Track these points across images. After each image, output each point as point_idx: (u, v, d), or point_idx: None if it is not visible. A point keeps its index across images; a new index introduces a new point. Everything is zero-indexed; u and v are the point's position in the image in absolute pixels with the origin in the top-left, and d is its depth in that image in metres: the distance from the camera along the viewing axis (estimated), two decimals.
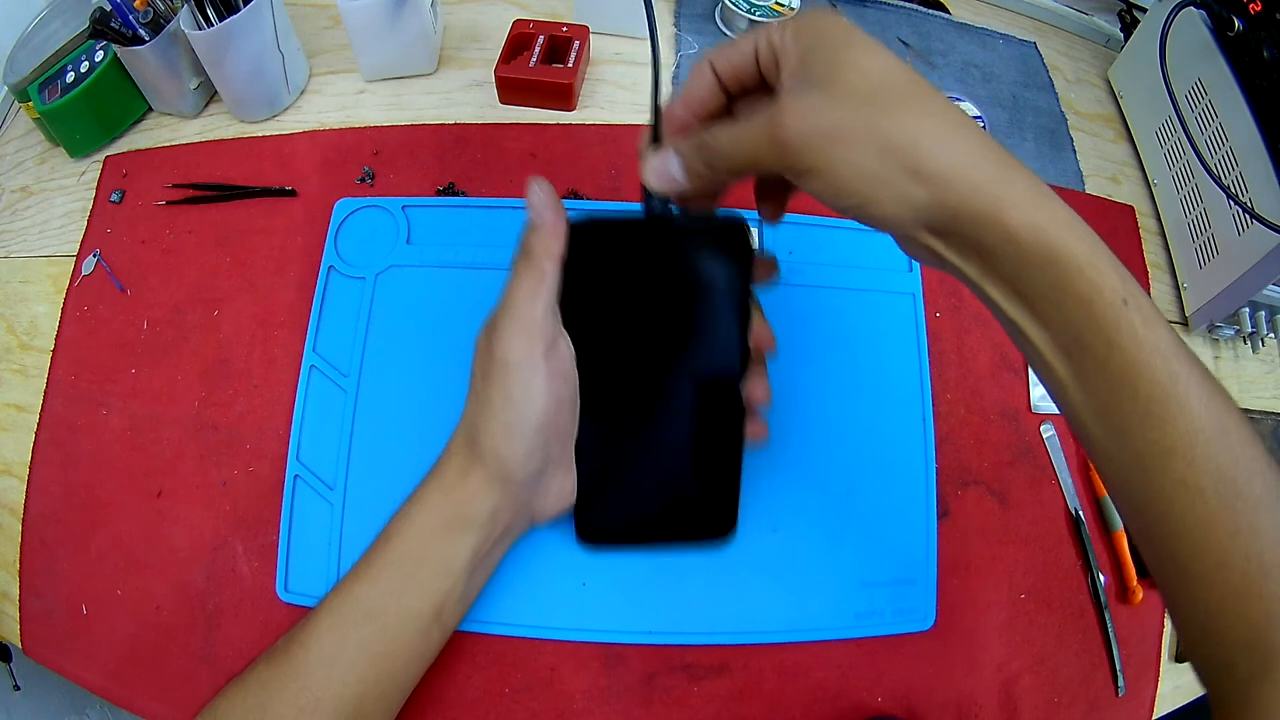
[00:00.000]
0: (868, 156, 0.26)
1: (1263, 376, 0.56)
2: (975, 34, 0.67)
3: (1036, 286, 0.27)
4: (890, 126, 0.26)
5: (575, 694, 0.42)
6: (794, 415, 0.47)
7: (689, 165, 0.31)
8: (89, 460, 0.47)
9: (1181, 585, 0.29)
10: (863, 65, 0.27)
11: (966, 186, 0.26)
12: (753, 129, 0.28)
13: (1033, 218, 0.26)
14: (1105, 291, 0.26)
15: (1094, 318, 0.26)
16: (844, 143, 0.27)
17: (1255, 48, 0.49)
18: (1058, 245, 0.26)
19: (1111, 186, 0.61)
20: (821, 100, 0.27)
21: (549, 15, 0.61)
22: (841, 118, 0.27)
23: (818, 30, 0.28)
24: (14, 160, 0.58)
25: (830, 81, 0.27)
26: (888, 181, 0.27)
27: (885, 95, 0.27)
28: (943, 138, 0.27)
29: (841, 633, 0.43)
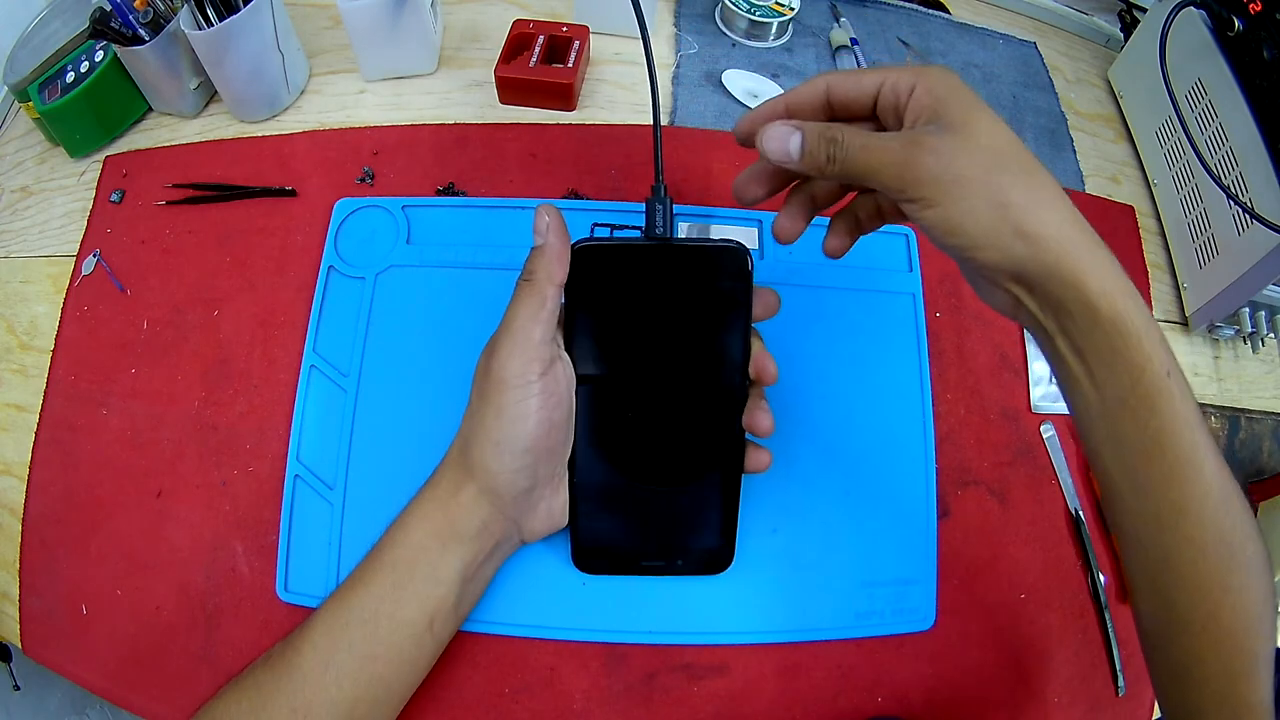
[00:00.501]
0: (986, 207, 0.30)
1: (1263, 376, 0.56)
2: (975, 34, 0.67)
3: (1099, 349, 0.30)
4: (1008, 186, 0.30)
5: (575, 694, 0.42)
6: (794, 415, 0.47)
7: (810, 148, 0.33)
8: (89, 460, 0.47)
9: (1171, 629, 0.32)
10: (991, 128, 0.31)
11: (1060, 250, 0.30)
12: (888, 145, 0.31)
13: (1107, 285, 0.30)
14: (1155, 362, 0.30)
15: (1142, 384, 0.30)
16: (968, 189, 0.30)
17: (1255, 48, 0.49)
18: (1124, 314, 0.30)
19: (1111, 186, 0.61)
20: (956, 146, 0.30)
21: (549, 15, 0.61)
22: (971, 167, 0.30)
23: (950, 86, 0.31)
24: (14, 160, 0.58)
25: (964, 133, 0.30)
26: (997, 232, 0.30)
27: (1006, 159, 0.30)
28: (1048, 205, 0.30)
29: (841, 633, 0.43)
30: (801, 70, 0.62)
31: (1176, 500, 0.30)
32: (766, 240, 0.51)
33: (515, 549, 0.40)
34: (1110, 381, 0.31)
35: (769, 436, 0.39)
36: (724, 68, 0.60)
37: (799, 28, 0.64)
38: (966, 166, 0.30)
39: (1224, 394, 0.54)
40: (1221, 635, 0.31)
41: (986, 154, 0.30)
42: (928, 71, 0.32)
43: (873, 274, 0.51)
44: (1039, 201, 0.30)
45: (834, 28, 0.64)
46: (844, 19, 0.65)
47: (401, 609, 0.36)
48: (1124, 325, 0.30)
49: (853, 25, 0.64)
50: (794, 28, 0.63)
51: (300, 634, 0.36)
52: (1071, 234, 0.30)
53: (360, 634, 0.35)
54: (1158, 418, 0.30)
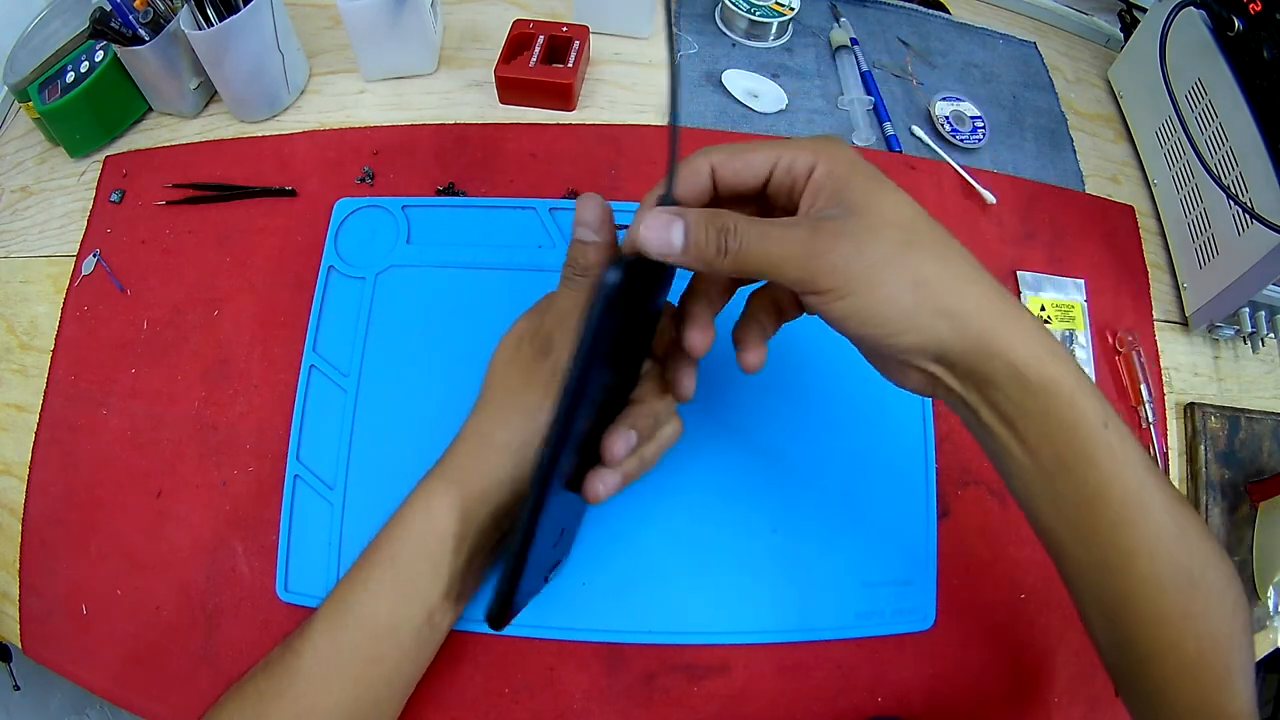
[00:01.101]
0: (903, 290, 0.28)
1: (1263, 376, 0.56)
2: (975, 34, 0.67)
3: (1030, 413, 0.30)
4: (923, 263, 0.29)
5: (575, 694, 0.42)
6: (794, 416, 0.47)
7: (696, 238, 0.29)
8: (89, 460, 0.47)
9: (1134, 663, 0.32)
10: (896, 204, 0.29)
11: (983, 323, 0.29)
12: (791, 234, 0.29)
13: (1033, 349, 0.29)
14: (1089, 415, 0.29)
15: (1077, 440, 0.29)
16: (883, 274, 0.28)
17: (1255, 48, 0.49)
18: (1054, 377, 0.29)
19: (1111, 186, 0.61)
20: (864, 229, 0.28)
21: (549, 15, 0.61)
22: (883, 249, 0.28)
23: (850, 163, 0.30)
24: (14, 160, 0.58)
25: (870, 214, 0.29)
26: (916, 314, 0.29)
27: (917, 234, 0.29)
28: (966, 278, 0.29)
29: (841, 633, 0.43)
30: (801, 70, 0.62)
31: (1126, 545, 0.30)
32: None
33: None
34: (1044, 443, 0.30)
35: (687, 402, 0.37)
36: (724, 68, 0.60)
37: (799, 28, 0.64)
38: (878, 250, 0.28)
39: (1224, 394, 0.54)
40: (1188, 660, 0.30)
41: (896, 232, 0.29)
42: (825, 148, 0.30)
43: None
44: (956, 275, 0.29)
45: (834, 28, 0.64)
46: (844, 19, 0.65)
47: (402, 606, 0.36)
48: (1054, 387, 0.29)
49: (853, 25, 0.64)
50: (794, 28, 0.63)
51: (300, 636, 0.35)
52: (993, 304, 0.29)
53: (361, 634, 0.35)
54: (1097, 470, 0.29)
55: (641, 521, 0.44)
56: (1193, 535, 0.30)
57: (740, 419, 0.47)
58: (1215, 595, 0.30)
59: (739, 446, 0.46)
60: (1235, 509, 0.51)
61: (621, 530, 0.44)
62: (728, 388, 0.47)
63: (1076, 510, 0.30)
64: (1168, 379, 0.54)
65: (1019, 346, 0.29)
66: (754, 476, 0.45)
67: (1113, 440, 0.29)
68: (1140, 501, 0.29)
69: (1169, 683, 0.31)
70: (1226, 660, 0.31)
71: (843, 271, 0.28)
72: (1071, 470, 0.30)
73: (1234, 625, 0.31)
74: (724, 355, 0.48)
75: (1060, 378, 0.29)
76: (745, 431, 0.46)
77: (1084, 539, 0.31)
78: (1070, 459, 0.30)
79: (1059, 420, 0.29)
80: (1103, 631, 0.33)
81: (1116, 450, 0.29)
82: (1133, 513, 0.29)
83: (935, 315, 0.29)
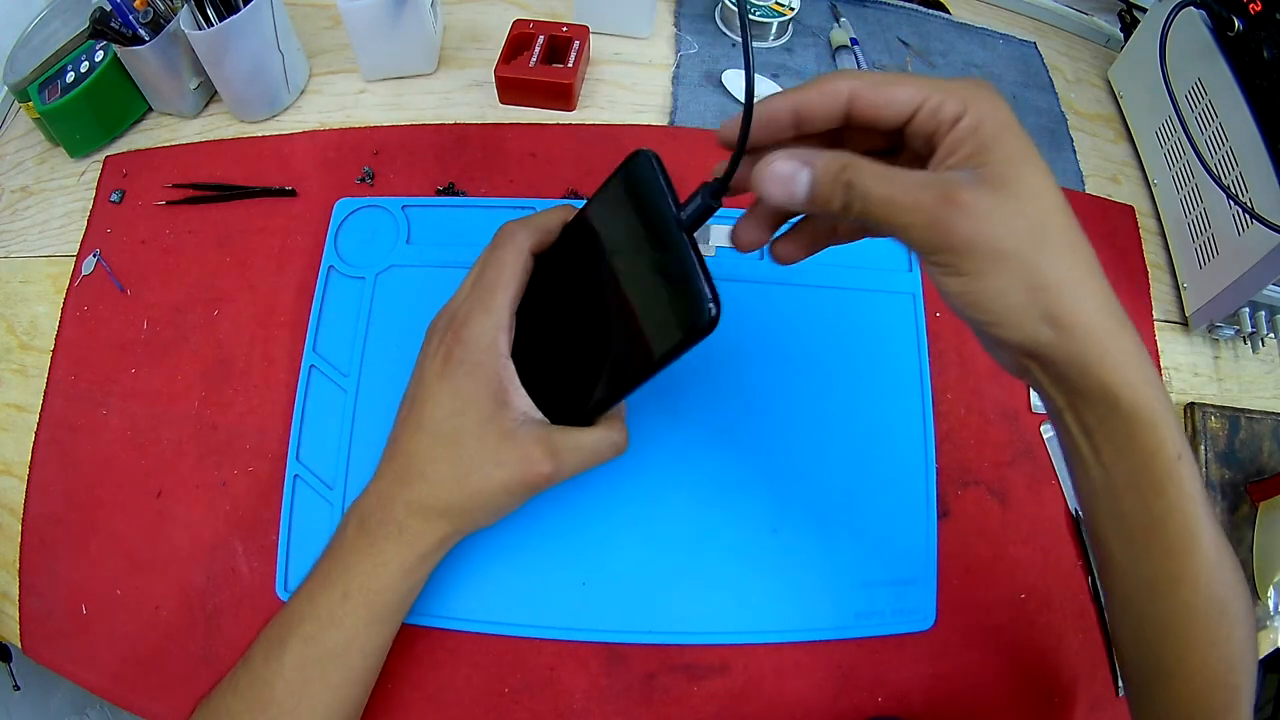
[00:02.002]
0: (1017, 288, 0.27)
1: (1263, 376, 0.56)
2: (975, 34, 0.67)
3: (1112, 433, 0.29)
4: (1045, 265, 0.27)
5: (575, 694, 0.42)
6: (794, 415, 0.47)
7: (821, 190, 0.28)
8: (89, 460, 0.47)
9: (1155, 679, 0.33)
10: (1038, 188, 0.27)
11: (1089, 340, 0.28)
12: (918, 198, 0.27)
13: (1129, 375, 0.28)
14: (1168, 446, 0.29)
15: (1152, 468, 0.29)
16: (1003, 266, 0.27)
17: (1255, 48, 0.49)
18: (1143, 403, 0.28)
19: (1111, 186, 0.61)
20: (997, 211, 0.27)
21: (549, 15, 0.61)
22: (1010, 240, 0.27)
23: (1002, 124, 0.27)
24: (14, 160, 0.58)
25: (1009, 194, 0.27)
26: (1023, 314, 0.27)
27: (1050, 231, 0.27)
28: (1085, 287, 0.28)
29: (841, 633, 0.43)
30: (801, 70, 0.62)
31: (1174, 571, 0.30)
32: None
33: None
34: (1119, 464, 0.30)
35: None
36: (724, 68, 0.60)
37: (799, 28, 0.64)
38: (1006, 239, 0.26)
39: (1224, 394, 0.54)
40: (1207, 681, 0.31)
41: (1030, 224, 0.27)
42: (979, 98, 0.28)
43: (872, 274, 0.51)
44: (1075, 283, 0.28)
45: (834, 28, 0.64)
46: (844, 19, 0.65)
47: (370, 640, 0.36)
48: (1142, 414, 0.29)
49: (853, 25, 0.64)
50: (794, 28, 0.63)
51: (269, 665, 0.35)
52: (1102, 321, 0.28)
53: (333, 667, 0.35)
54: (1164, 500, 0.29)
55: (641, 521, 0.44)
56: (1228, 568, 0.31)
57: (740, 419, 0.47)
58: (1239, 621, 0.31)
59: (739, 447, 0.46)
60: (1235, 509, 0.51)
61: (621, 530, 0.44)
62: (728, 388, 0.47)
63: (1136, 531, 0.31)
64: (1168, 379, 0.54)
65: (1118, 369, 0.28)
66: (754, 476, 0.45)
67: (1184, 473, 0.29)
68: (1195, 534, 0.30)
69: (1183, 703, 0.32)
70: (1238, 683, 0.31)
71: (963, 249, 0.27)
72: (1141, 494, 0.30)
73: (1246, 648, 0.32)
74: (724, 356, 0.48)
75: (1149, 404, 0.29)
76: (745, 432, 0.46)
77: (1138, 559, 0.31)
78: (1142, 483, 0.30)
79: (1139, 445, 0.29)
80: (1131, 646, 0.34)
81: (1185, 484, 0.29)
82: (1187, 544, 0.30)
83: (1042, 321, 0.27)
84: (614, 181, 0.34)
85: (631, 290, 0.33)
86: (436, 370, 0.36)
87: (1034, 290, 0.27)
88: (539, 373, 0.37)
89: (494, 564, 0.43)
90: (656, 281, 0.32)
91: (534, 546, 0.44)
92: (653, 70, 0.60)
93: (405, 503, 0.36)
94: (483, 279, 0.37)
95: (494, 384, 0.36)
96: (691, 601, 0.43)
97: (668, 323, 0.31)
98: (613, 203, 0.34)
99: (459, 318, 0.37)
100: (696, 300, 0.30)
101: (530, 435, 0.35)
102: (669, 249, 0.31)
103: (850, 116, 0.30)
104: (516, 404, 0.36)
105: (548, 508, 0.44)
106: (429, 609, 0.42)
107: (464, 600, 0.43)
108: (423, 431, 0.36)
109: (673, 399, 0.46)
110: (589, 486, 0.44)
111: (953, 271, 0.27)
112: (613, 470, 0.45)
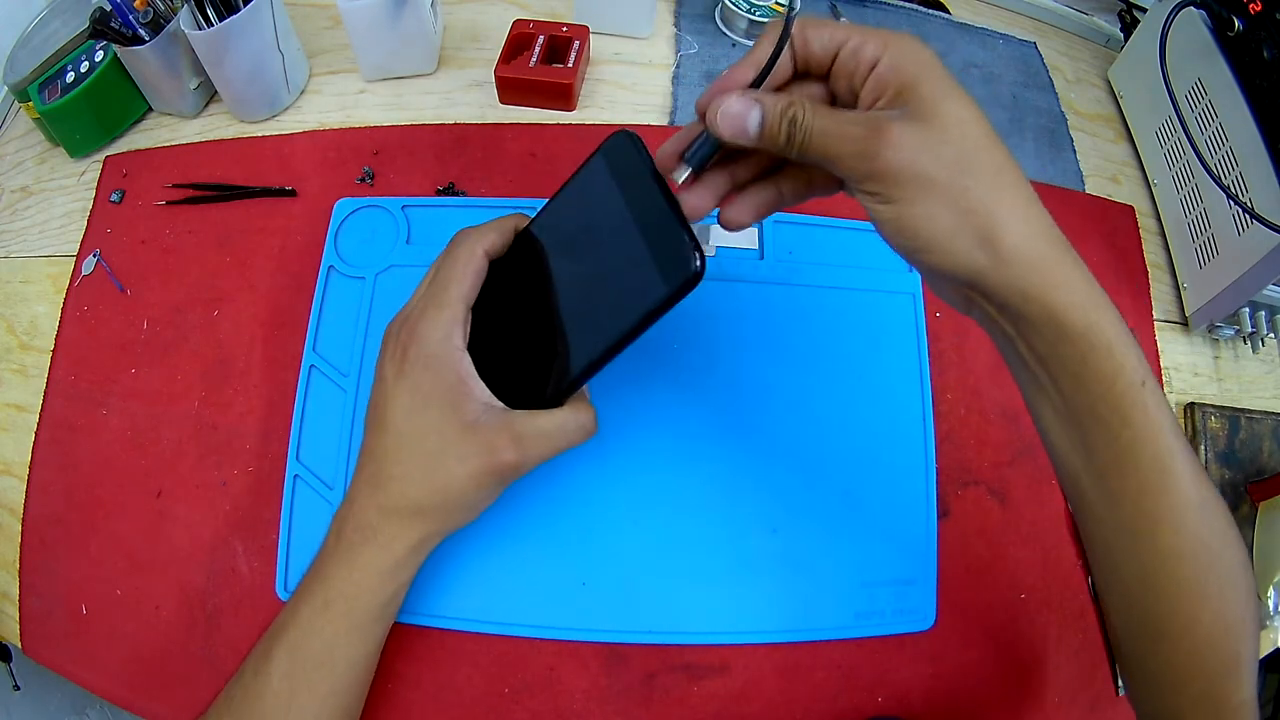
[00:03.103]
0: (948, 211, 0.28)
1: (1263, 376, 0.56)
2: (975, 34, 0.67)
3: (1065, 359, 0.29)
4: (975, 189, 0.28)
5: (575, 694, 0.42)
6: (794, 415, 0.47)
7: (769, 127, 0.29)
8: (89, 460, 0.47)
9: (1146, 640, 0.31)
10: (962, 118, 0.28)
11: (1026, 264, 0.28)
12: (853, 130, 0.28)
13: (1076, 298, 0.28)
14: (1127, 371, 0.28)
15: (1113, 394, 0.29)
16: (933, 190, 0.28)
17: (1255, 48, 0.49)
18: (1095, 325, 0.28)
19: (1111, 186, 0.61)
20: (921, 140, 0.27)
21: (549, 15, 0.61)
22: (936, 166, 0.27)
23: (921, 64, 0.28)
24: (14, 160, 0.58)
25: (932, 124, 0.28)
26: (956, 239, 0.28)
27: (977, 156, 0.28)
28: (1017, 212, 0.28)
29: (841, 633, 0.43)
30: None
31: (1152, 510, 0.29)
32: (767, 240, 0.51)
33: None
34: (1079, 391, 0.29)
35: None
36: (724, 68, 0.60)
37: None
38: (931, 164, 0.27)
39: (1224, 394, 0.54)
40: (1199, 641, 0.30)
41: (955, 150, 0.28)
42: (897, 42, 0.29)
43: (873, 274, 0.51)
44: (1007, 207, 0.28)
45: None
46: (844, 19, 0.65)
47: (355, 648, 0.36)
48: (1095, 337, 0.28)
49: None
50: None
51: (258, 678, 0.35)
52: (1039, 246, 0.28)
53: (319, 676, 0.35)
54: (1130, 428, 0.29)
55: (641, 521, 0.44)
56: (1214, 512, 0.30)
57: (740, 419, 0.47)
58: (1231, 579, 0.30)
59: (739, 447, 0.46)
60: (1235, 509, 0.51)
61: (621, 530, 0.44)
62: (728, 388, 0.47)
63: (1107, 468, 0.30)
64: (1168, 379, 0.54)
65: (1059, 291, 0.28)
66: (754, 476, 0.45)
67: (1149, 400, 0.29)
68: (1170, 468, 0.29)
69: (1179, 666, 0.31)
70: (1236, 648, 0.30)
71: (891, 177, 0.28)
72: (1105, 423, 0.29)
73: (1245, 612, 0.30)
74: (724, 356, 0.48)
75: (1101, 328, 0.28)
76: (745, 432, 0.46)
77: (1112, 497, 0.30)
78: (1104, 412, 0.29)
79: (1096, 370, 0.28)
80: (1118, 610, 0.33)
81: (1151, 410, 0.29)
82: (1161, 479, 0.29)
83: (975, 245, 0.28)
84: (591, 163, 0.34)
85: (607, 262, 0.33)
86: (394, 370, 0.36)
87: (964, 214, 0.28)
88: (504, 365, 0.37)
89: (494, 564, 0.43)
90: (635, 248, 0.32)
91: (534, 546, 0.44)
92: (653, 70, 0.60)
93: (377, 507, 0.36)
94: (436, 280, 0.37)
95: (451, 377, 0.35)
96: (691, 601, 0.43)
97: (652, 280, 0.31)
98: (590, 184, 0.34)
99: (412, 317, 0.37)
100: (682, 251, 0.30)
101: (492, 424, 0.35)
102: (651, 213, 0.32)
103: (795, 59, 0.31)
104: (476, 395, 0.36)
105: (548, 508, 0.44)
106: (430, 609, 0.42)
107: (464, 600, 0.43)
108: (386, 433, 0.36)
109: (672, 399, 0.47)
110: (589, 486, 0.45)
111: (883, 199, 0.28)
112: (612, 470, 0.45)
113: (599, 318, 0.34)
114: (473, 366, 0.36)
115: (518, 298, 0.37)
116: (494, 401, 0.36)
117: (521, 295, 0.37)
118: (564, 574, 0.43)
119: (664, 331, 0.43)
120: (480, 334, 0.37)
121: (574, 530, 0.44)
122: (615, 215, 0.33)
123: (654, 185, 0.32)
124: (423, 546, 0.37)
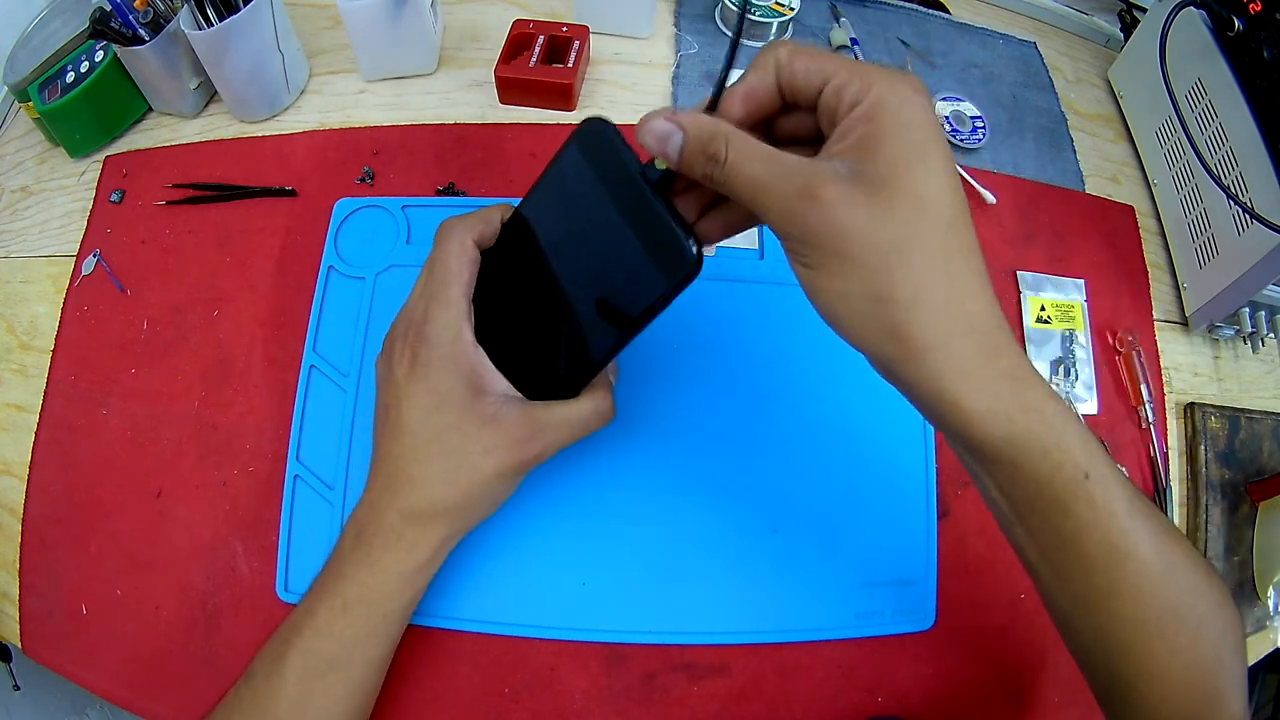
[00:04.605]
0: (862, 296, 0.26)
1: (1263, 376, 0.56)
2: (975, 34, 0.67)
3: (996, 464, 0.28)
4: (899, 278, 0.25)
5: (575, 694, 0.42)
6: (794, 415, 0.47)
7: (688, 157, 0.28)
8: (89, 460, 0.47)
9: (1119, 693, 0.31)
10: (920, 194, 0.25)
11: (939, 365, 0.26)
12: (783, 184, 0.26)
13: (996, 406, 0.26)
14: (1067, 469, 0.27)
15: (1050, 490, 0.27)
16: (849, 267, 0.25)
17: (1255, 48, 0.49)
18: (1021, 433, 0.26)
19: (1111, 186, 0.61)
20: (862, 213, 0.25)
21: (549, 15, 0.61)
22: (865, 246, 0.25)
23: (900, 124, 0.25)
24: (14, 160, 0.58)
25: (879, 196, 0.25)
26: (863, 322, 0.26)
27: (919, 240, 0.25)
28: (942, 308, 0.25)
29: (841, 633, 0.43)
30: None
31: (1103, 585, 0.28)
32: (767, 241, 0.51)
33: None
34: (1014, 489, 0.28)
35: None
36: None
37: (799, 28, 0.64)
38: (858, 242, 0.25)
39: (1224, 394, 0.54)
40: (1174, 689, 0.29)
41: (893, 232, 0.25)
42: (883, 86, 0.26)
43: None
44: (933, 303, 0.25)
45: (834, 28, 0.64)
46: (844, 19, 0.65)
47: (372, 650, 0.36)
48: (1021, 443, 0.26)
49: (853, 25, 0.64)
50: (794, 28, 0.63)
51: (270, 680, 0.34)
52: (959, 346, 0.26)
53: (335, 679, 0.35)
54: (1072, 519, 0.27)
55: (641, 521, 0.44)
56: (1181, 570, 0.29)
57: (740, 419, 0.47)
58: (1204, 625, 0.29)
59: (739, 447, 0.46)
60: (1235, 509, 0.51)
61: (621, 530, 0.44)
62: (728, 389, 0.47)
63: (1049, 549, 0.29)
64: (1168, 379, 0.54)
65: (975, 401, 0.26)
66: (754, 476, 0.45)
67: (1093, 491, 0.27)
68: (1123, 548, 0.28)
69: (1155, 710, 0.30)
70: (1215, 684, 0.30)
71: (814, 243, 0.26)
72: (1044, 515, 0.28)
73: (1223, 649, 0.30)
74: (724, 356, 0.48)
75: (1029, 434, 0.26)
76: (745, 432, 0.46)
77: (1060, 575, 0.29)
78: (1042, 506, 0.28)
79: (1029, 474, 0.27)
80: (1087, 664, 0.32)
81: (1097, 500, 0.27)
82: (1112, 555, 0.28)
83: (885, 336, 0.26)
84: (567, 151, 0.34)
85: (604, 254, 0.33)
86: (405, 372, 0.36)
87: (877, 301, 0.25)
88: (512, 356, 0.37)
89: (494, 564, 0.43)
90: (631, 239, 0.32)
91: (534, 546, 0.44)
92: (653, 70, 0.60)
93: (398, 510, 0.36)
94: (432, 278, 0.37)
95: (467, 372, 0.35)
96: (691, 601, 0.43)
97: (650, 274, 0.31)
98: (569, 174, 0.34)
99: (418, 318, 0.36)
100: (676, 245, 0.30)
101: (513, 416, 0.35)
102: (638, 205, 0.31)
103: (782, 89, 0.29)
104: (493, 387, 0.35)
105: (548, 508, 0.44)
106: (429, 609, 0.42)
107: (464, 600, 0.43)
108: (404, 435, 0.36)
109: (671, 399, 0.47)
110: (589, 487, 0.45)
111: (801, 260, 0.27)
112: (613, 470, 0.45)
113: (606, 311, 0.33)
114: (487, 359, 0.36)
115: (514, 288, 0.37)
116: (511, 391, 0.36)
117: (517, 286, 0.37)
118: (564, 574, 0.43)
119: (664, 331, 0.43)
120: (486, 325, 0.37)
121: (574, 530, 0.44)
122: (603, 209, 0.33)
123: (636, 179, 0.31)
124: (445, 547, 0.37)
